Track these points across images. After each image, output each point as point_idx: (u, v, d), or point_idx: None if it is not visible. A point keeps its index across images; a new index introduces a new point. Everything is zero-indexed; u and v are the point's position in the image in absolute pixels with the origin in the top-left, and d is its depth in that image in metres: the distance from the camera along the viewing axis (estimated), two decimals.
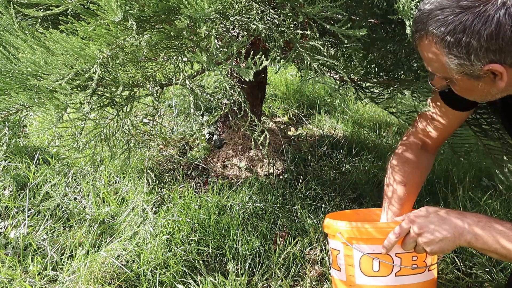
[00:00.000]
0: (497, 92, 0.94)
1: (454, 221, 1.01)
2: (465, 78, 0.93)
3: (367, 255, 1.12)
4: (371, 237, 1.12)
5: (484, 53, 0.85)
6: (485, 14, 0.82)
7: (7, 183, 1.77)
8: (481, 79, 0.91)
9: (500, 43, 0.83)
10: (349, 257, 1.15)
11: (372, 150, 2.23)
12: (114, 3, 0.87)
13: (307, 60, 1.12)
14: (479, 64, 0.87)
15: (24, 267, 1.45)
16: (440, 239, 1.01)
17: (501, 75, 0.87)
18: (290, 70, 3.34)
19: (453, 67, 0.91)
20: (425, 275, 1.14)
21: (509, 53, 0.84)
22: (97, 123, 1.29)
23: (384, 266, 1.12)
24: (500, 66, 0.86)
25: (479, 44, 0.84)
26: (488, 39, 0.83)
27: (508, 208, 1.82)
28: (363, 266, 1.13)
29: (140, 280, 1.40)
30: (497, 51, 0.84)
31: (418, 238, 1.04)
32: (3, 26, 1.10)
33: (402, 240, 1.08)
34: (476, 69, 0.88)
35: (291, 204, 1.77)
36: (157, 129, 2.27)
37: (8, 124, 1.22)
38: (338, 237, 1.16)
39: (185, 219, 1.57)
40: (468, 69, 0.89)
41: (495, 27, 0.82)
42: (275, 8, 1.24)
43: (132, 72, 1.17)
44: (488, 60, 0.86)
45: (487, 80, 0.91)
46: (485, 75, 0.90)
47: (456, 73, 0.92)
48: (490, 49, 0.84)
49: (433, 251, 1.02)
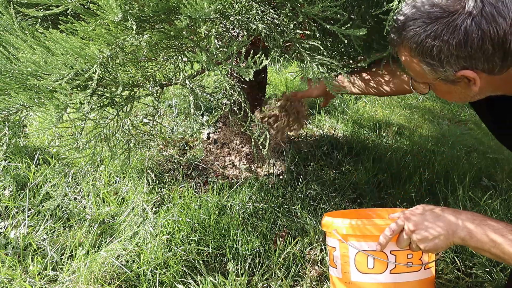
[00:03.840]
0: (474, 94, 0.98)
1: (449, 218, 1.01)
2: (442, 83, 0.98)
3: (362, 252, 1.12)
4: (367, 234, 1.12)
5: (455, 60, 0.90)
6: (453, 24, 0.87)
7: (7, 183, 1.77)
8: (456, 84, 0.96)
9: (469, 50, 0.87)
10: (345, 254, 1.16)
11: (372, 150, 2.23)
12: (113, 3, 0.87)
13: (307, 60, 1.12)
14: (451, 71, 0.92)
15: (24, 267, 1.45)
16: (434, 236, 1.01)
17: (474, 80, 0.92)
18: (290, 70, 3.34)
19: (428, 73, 0.96)
20: (421, 273, 1.14)
21: (479, 59, 0.89)
22: (97, 123, 1.29)
23: (379, 263, 1.12)
24: (471, 72, 0.91)
25: (449, 52, 0.89)
26: (457, 47, 0.88)
27: (508, 208, 1.82)
28: (358, 263, 1.13)
29: (140, 280, 1.40)
30: (467, 58, 0.89)
31: (412, 235, 1.04)
32: (3, 26, 1.10)
33: (396, 237, 1.08)
34: (450, 75, 0.93)
35: (291, 204, 1.77)
36: (157, 129, 2.27)
37: (8, 124, 1.22)
38: (334, 234, 1.16)
39: (185, 219, 1.57)
40: (442, 75, 0.95)
41: (463, 36, 0.86)
42: (275, 8, 1.24)
43: (132, 72, 1.17)
44: (460, 67, 0.91)
45: (462, 84, 0.96)
46: (459, 80, 0.94)
47: (432, 78, 0.97)
48: (460, 56, 0.89)
49: (427, 249, 1.03)
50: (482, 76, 0.92)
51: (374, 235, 1.10)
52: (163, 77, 1.32)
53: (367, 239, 1.12)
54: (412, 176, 2.04)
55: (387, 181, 2.00)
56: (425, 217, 1.04)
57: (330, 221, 1.19)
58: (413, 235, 1.04)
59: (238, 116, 1.49)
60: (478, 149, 2.64)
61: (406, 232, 1.06)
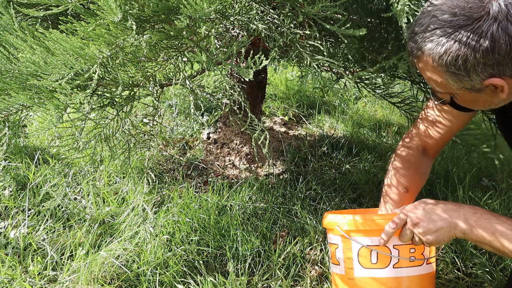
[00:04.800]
0: (500, 101, 0.95)
1: (450, 212, 1.02)
2: (467, 92, 0.94)
3: (366, 247, 1.12)
4: (369, 229, 1.13)
5: (482, 68, 0.86)
6: (479, 31, 0.83)
7: (7, 183, 1.77)
8: (482, 92, 0.92)
9: (496, 57, 0.84)
10: (348, 249, 1.16)
11: (372, 150, 2.23)
12: (113, 3, 0.87)
13: (307, 60, 1.12)
14: (478, 79, 0.88)
15: (24, 267, 1.45)
16: (435, 229, 1.01)
17: (502, 87, 0.89)
18: (290, 70, 3.34)
19: (452, 84, 0.92)
20: (423, 267, 1.15)
21: (506, 66, 0.86)
22: (97, 123, 1.29)
23: (382, 258, 1.12)
24: (499, 79, 0.87)
25: (475, 60, 0.85)
26: (485, 55, 0.84)
27: (508, 208, 1.82)
28: (362, 258, 1.14)
29: (140, 280, 1.40)
30: (495, 65, 0.86)
31: (415, 229, 1.05)
32: (3, 26, 1.10)
33: (399, 231, 1.08)
34: (476, 83, 0.90)
35: (291, 204, 1.77)
36: (157, 129, 2.27)
37: (8, 124, 1.22)
38: (336, 230, 1.17)
39: (185, 219, 1.57)
40: (468, 84, 0.91)
41: (490, 42, 0.83)
42: (275, 8, 1.24)
43: (132, 72, 1.17)
44: (487, 75, 0.87)
45: (488, 92, 0.92)
46: (486, 88, 0.91)
47: (457, 88, 0.93)
48: (488, 64, 0.85)
49: (429, 242, 1.03)
50: (510, 82, 0.89)
51: (377, 230, 1.11)
52: (163, 77, 1.32)
53: (369, 234, 1.12)
54: None
55: None
56: (426, 211, 1.04)
57: (332, 218, 1.19)
58: (415, 229, 1.05)
59: (238, 116, 1.49)
60: (478, 149, 2.64)
61: (408, 226, 1.06)
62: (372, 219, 1.13)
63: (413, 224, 1.05)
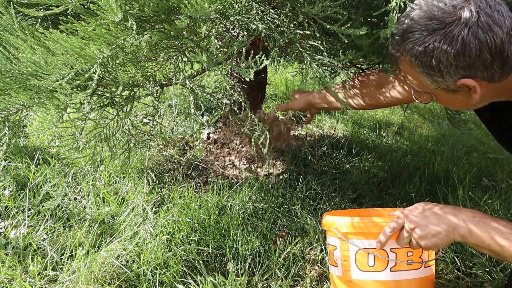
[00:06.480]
0: (476, 102, 1.00)
1: (449, 216, 1.02)
2: (443, 92, 0.99)
3: (363, 250, 1.12)
4: (367, 232, 1.12)
5: (455, 70, 0.91)
6: (450, 35, 0.88)
7: (7, 183, 1.77)
8: (457, 93, 0.97)
9: (467, 59, 0.89)
10: (345, 252, 1.16)
11: (372, 150, 2.23)
12: (113, 3, 0.87)
13: (307, 60, 1.12)
14: (451, 80, 0.94)
15: (24, 267, 1.45)
16: (433, 233, 1.01)
17: (474, 88, 0.94)
18: (290, 70, 3.35)
19: (429, 84, 0.98)
20: (421, 271, 1.15)
21: (478, 68, 0.90)
22: (97, 123, 1.29)
23: (379, 261, 1.12)
24: (471, 80, 0.92)
25: (448, 62, 0.90)
26: (456, 57, 0.89)
27: (508, 208, 1.82)
28: (359, 261, 1.14)
29: (140, 280, 1.40)
30: (467, 67, 0.90)
31: (412, 232, 1.05)
32: (3, 26, 1.10)
33: (397, 235, 1.08)
34: (450, 84, 0.95)
35: (291, 204, 1.77)
36: (157, 129, 2.27)
37: (8, 124, 1.22)
38: (334, 233, 1.17)
39: (185, 219, 1.57)
40: (443, 85, 0.96)
41: (461, 46, 0.88)
42: (275, 8, 1.24)
43: (132, 72, 1.17)
44: (459, 76, 0.92)
45: (463, 93, 0.97)
46: (460, 89, 0.96)
47: (434, 88, 0.99)
48: (460, 66, 0.90)
49: (427, 246, 1.03)
50: (483, 84, 0.93)
51: (374, 233, 1.11)
52: (163, 77, 1.32)
53: (367, 237, 1.12)
54: (412, 176, 2.04)
55: (387, 181, 2.00)
56: (425, 215, 1.04)
57: (331, 220, 1.19)
58: (413, 233, 1.05)
59: (238, 116, 1.49)
60: (478, 149, 2.64)
61: (406, 229, 1.06)
62: (370, 222, 1.13)
63: (411, 228, 1.05)
